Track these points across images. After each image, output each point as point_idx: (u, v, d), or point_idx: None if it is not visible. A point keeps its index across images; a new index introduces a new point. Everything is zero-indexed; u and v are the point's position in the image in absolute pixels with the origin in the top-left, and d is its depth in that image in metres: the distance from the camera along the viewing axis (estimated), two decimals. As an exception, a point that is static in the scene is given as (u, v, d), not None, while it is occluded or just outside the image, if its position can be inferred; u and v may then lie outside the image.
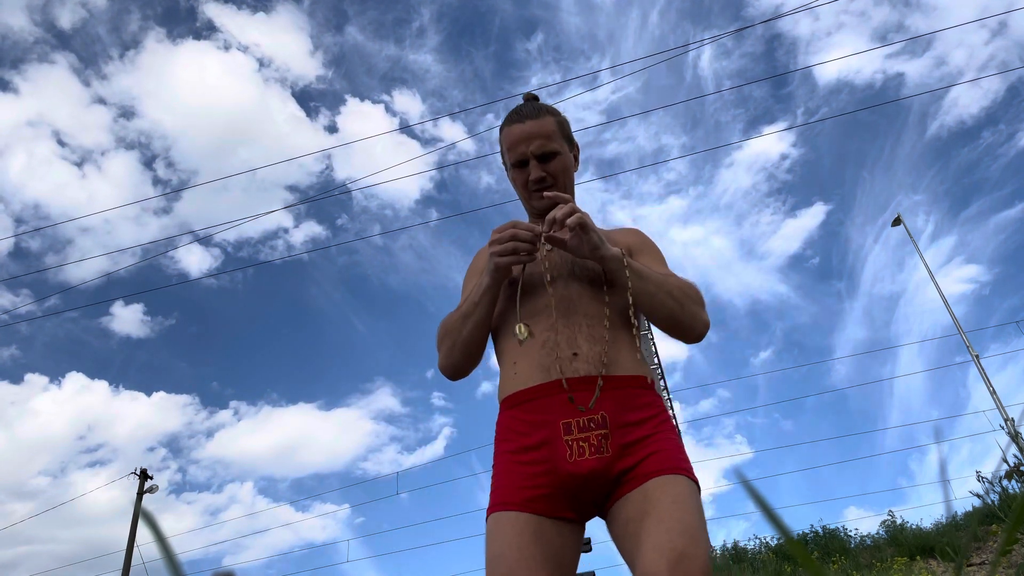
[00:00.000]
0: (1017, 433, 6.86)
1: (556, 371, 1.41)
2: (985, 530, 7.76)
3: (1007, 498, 6.82)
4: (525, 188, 1.66)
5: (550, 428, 1.37)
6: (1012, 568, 6.57)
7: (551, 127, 1.65)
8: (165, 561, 0.32)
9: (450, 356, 1.56)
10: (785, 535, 0.33)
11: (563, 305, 1.50)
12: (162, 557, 0.32)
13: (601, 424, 1.36)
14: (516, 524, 1.31)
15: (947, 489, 0.92)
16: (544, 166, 1.63)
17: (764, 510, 0.33)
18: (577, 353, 1.43)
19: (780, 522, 0.33)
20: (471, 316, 1.52)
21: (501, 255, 1.45)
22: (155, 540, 0.32)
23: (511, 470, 1.38)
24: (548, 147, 1.62)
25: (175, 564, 0.32)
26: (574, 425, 1.36)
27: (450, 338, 1.55)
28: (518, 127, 1.63)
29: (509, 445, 1.42)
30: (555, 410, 1.38)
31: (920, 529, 9.51)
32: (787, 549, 9.28)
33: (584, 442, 1.34)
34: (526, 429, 1.40)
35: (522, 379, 1.45)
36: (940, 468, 4.70)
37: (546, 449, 1.36)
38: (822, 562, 9.11)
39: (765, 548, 10.22)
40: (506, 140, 1.66)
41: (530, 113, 1.65)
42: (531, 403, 1.42)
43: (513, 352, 1.51)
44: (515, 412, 1.44)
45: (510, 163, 1.66)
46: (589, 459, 1.33)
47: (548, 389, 1.40)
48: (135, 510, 18.84)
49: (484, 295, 1.51)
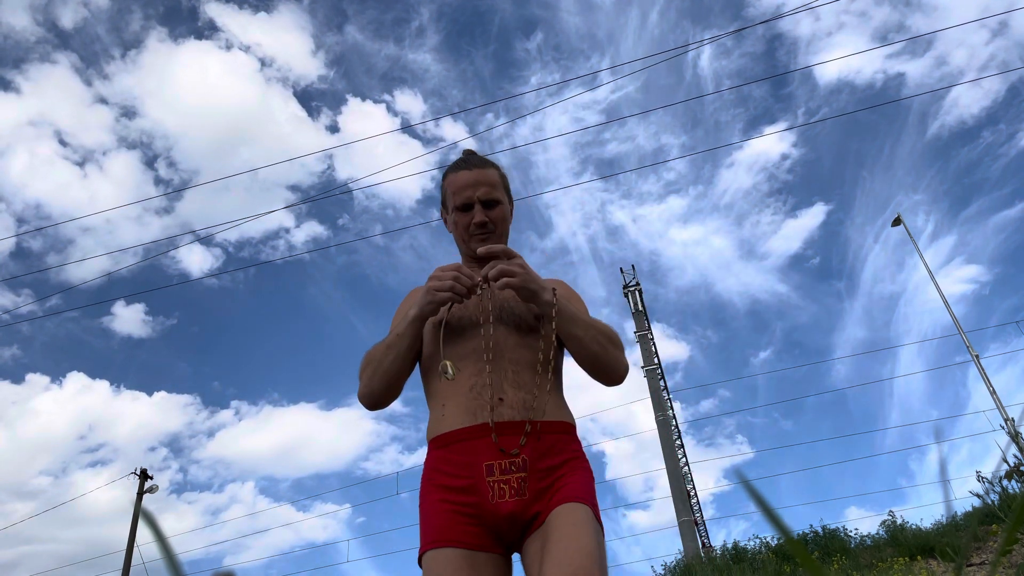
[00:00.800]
0: (1017, 433, 6.87)
1: (483, 415, 1.48)
2: (985, 530, 7.76)
3: (1007, 498, 6.83)
4: (466, 230, 1.74)
5: (474, 469, 1.44)
6: (1012, 568, 6.57)
7: (495, 178, 1.76)
8: (165, 561, 0.32)
9: (369, 385, 1.61)
10: (785, 535, 0.33)
11: (493, 349, 1.57)
12: (162, 557, 0.32)
13: (521, 467, 1.44)
14: (453, 560, 1.37)
15: (947, 489, 0.93)
16: (487, 212, 1.73)
17: (764, 510, 0.33)
18: (503, 399, 1.50)
19: (780, 522, 0.33)
20: (394, 347, 1.58)
21: (439, 290, 1.52)
22: (155, 540, 0.32)
23: (440, 509, 1.43)
24: (493, 195, 1.73)
25: (175, 564, 0.32)
26: (496, 467, 1.43)
27: (371, 367, 1.60)
28: (465, 173, 1.74)
29: (436, 485, 1.47)
30: (479, 452, 1.45)
31: (920, 529, 9.51)
32: (787, 549, 9.28)
33: (505, 484, 1.42)
34: (453, 470, 1.46)
35: (449, 421, 1.52)
36: (940, 468, 4.70)
37: (471, 489, 1.43)
38: (823, 562, 9.11)
39: (765, 548, 10.23)
40: (452, 185, 1.75)
41: (477, 163, 1.77)
42: (457, 444, 1.48)
43: (441, 393, 1.57)
44: (442, 453, 1.50)
45: (454, 206, 1.75)
46: (509, 501, 1.41)
47: (473, 432, 1.47)
48: (135, 510, 18.84)
49: (409, 327, 1.57)
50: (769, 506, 0.33)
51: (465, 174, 1.73)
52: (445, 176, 1.80)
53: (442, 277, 1.54)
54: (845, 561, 8.94)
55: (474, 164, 1.75)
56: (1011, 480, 3.08)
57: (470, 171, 1.73)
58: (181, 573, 0.33)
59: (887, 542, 9.47)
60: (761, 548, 10.33)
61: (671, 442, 15.93)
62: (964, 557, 6.29)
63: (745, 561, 9.98)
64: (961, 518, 9.28)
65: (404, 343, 1.57)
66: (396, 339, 1.57)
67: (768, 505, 0.33)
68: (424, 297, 1.55)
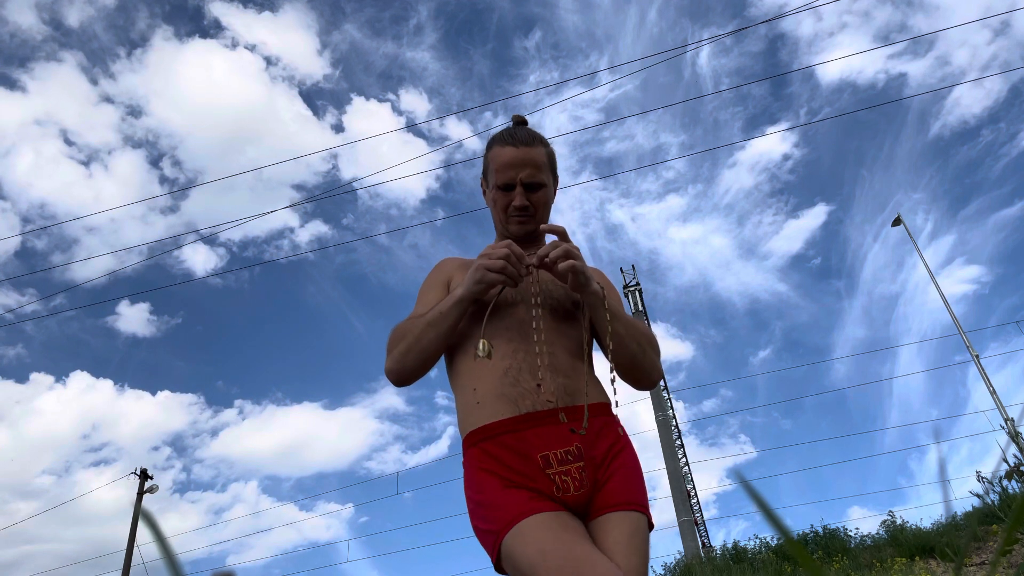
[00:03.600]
0: (1017, 433, 6.86)
1: (525, 404, 1.40)
2: (985, 530, 7.76)
3: (1007, 498, 6.83)
4: (504, 211, 1.66)
5: (528, 463, 1.35)
6: (1012, 568, 6.57)
7: (542, 158, 1.66)
8: (165, 561, 0.32)
9: (403, 360, 1.51)
10: (785, 535, 0.33)
11: (526, 333, 1.50)
12: (162, 557, 0.32)
13: (577, 456, 1.37)
14: (545, 522, 1.25)
15: (947, 489, 0.93)
16: (529, 195, 1.64)
17: (764, 510, 0.33)
18: (540, 384, 1.43)
19: (780, 522, 0.33)
20: (436, 325, 1.49)
21: (491, 270, 1.43)
22: (155, 540, 0.32)
23: (511, 492, 1.33)
24: (537, 177, 1.64)
25: (175, 564, 0.32)
26: (552, 458, 1.35)
27: (406, 343, 1.51)
28: (511, 150, 1.63)
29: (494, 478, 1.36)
30: (531, 443, 1.37)
31: (920, 529, 9.51)
32: (787, 549, 9.28)
33: (566, 476, 1.35)
34: (506, 464, 1.36)
35: (488, 411, 1.42)
36: (940, 468, 4.70)
37: (530, 483, 1.34)
38: (824, 562, 9.11)
39: (765, 548, 10.22)
40: (495, 160, 1.65)
41: (525, 139, 1.65)
42: (504, 437, 1.39)
43: (471, 375, 1.49)
44: (487, 446, 1.40)
45: (495, 183, 1.66)
46: (574, 494, 1.34)
47: (519, 422, 1.39)
48: (135, 510, 18.83)
49: (454, 307, 1.48)
50: (768, 506, 0.33)
51: (511, 151, 1.63)
52: (490, 146, 1.69)
53: (493, 256, 1.44)
54: (845, 561, 8.93)
55: (521, 141, 1.64)
56: (1011, 480, 3.07)
57: (516, 148, 1.63)
58: (181, 573, 0.33)
59: (887, 542, 9.47)
60: (761, 548, 10.34)
61: (671, 442, 15.93)
62: (964, 557, 6.27)
63: (745, 561, 9.97)
64: (961, 518, 9.28)
65: (447, 323, 1.48)
66: (439, 317, 1.48)
67: (767, 505, 0.33)
68: (473, 276, 1.45)
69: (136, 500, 19.01)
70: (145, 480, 19.54)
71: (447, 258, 1.73)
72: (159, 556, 0.33)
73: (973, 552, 7.87)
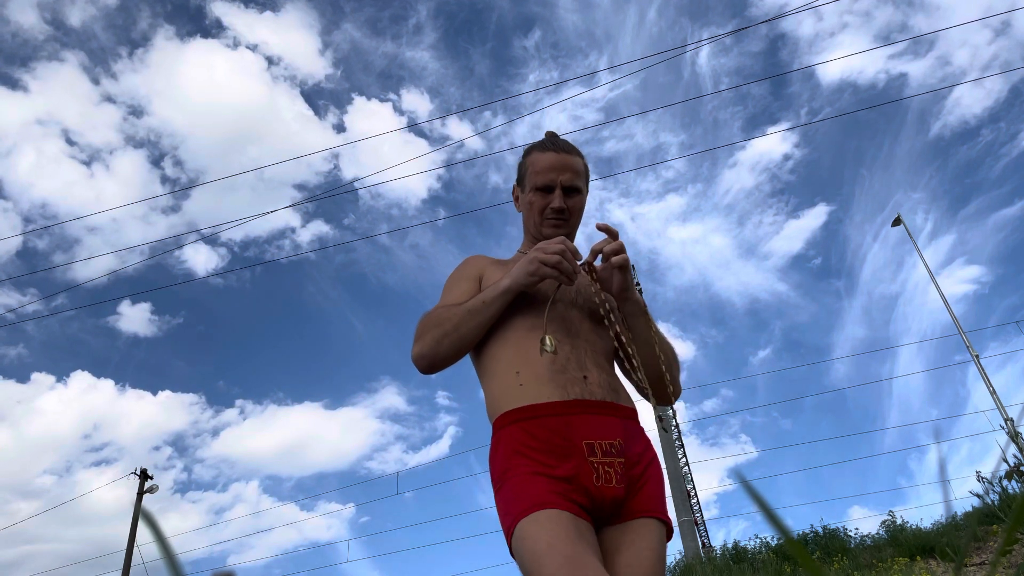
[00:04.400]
0: (1017, 433, 6.86)
1: (574, 390, 1.41)
2: (985, 530, 7.76)
3: (1007, 498, 6.82)
4: (541, 213, 1.68)
5: (572, 448, 1.34)
6: (1012, 568, 6.57)
7: (580, 166, 1.71)
8: (165, 561, 0.32)
9: (437, 347, 1.49)
10: (785, 535, 0.33)
11: (568, 328, 1.53)
12: (162, 557, 0.32)
13: (620, 452, 1.38)
14: (561, 519, 1.24)
15: (947, 489, 0.92)
16: (567, 199, 1.67)
17: (764, 510, 0.33)
18: (587, 376, 1.45)
19: (780, 522, 0.33)
20: (478, 313, 1.49)
21: (545, 264, 1.44)
22: (155, 540, 0.32)
23: (537, 481, 1.31)
24: (575, 182, 1.68)
25: (175, 564, 0.32)
26: (597, 448, 1.35)
27: (441, 329, 1.49)
28: (552, 155, 1.68)
29: (528, 458, 1.34)
30: (575, 429, 1.36)
31: (920, 529, 9.51)
32: (787, 549, 9.28)
33: (609, 467, 1.35)
34: (545, 446, 1.35)
35: (533, 393, 1.41)
36: (940, 468, 4.70)
37: (571, 467, 1.32)
38: (824, 562, 9.11)
39: (765, 548, 10.22)
40: (536, 164, 1.69)
41: (565, 147, 1.71)
42: (548, 419, 1.38)
43: (513, 362, 1.48)
44: (528, 426, 1.38)
45: (534, 185, 1.68)
46: (614, 487, 1.34)
47: (569, 407, 1.39)
48: (135, 510, 18.83)
49: (500, 297, 1.49)
50: (768, 506, 0.33)
51: (552, 156, 1.67)
52: (528, 152, 1.74)
53: (549, 250, 1.44)
54: (845, 561, 8.93)
55: (562, 148, 1.69)
56: (1011, 480, 3.08)
57: (557, 154, 1.67)
58: (181, 573, 0.33)
59: (887, 542, 9.46)
60: (761, 548, 10.33)
61: (671, 442, 15.92)
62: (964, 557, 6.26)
63: (745, 561, 9.97)
64: (961, 518, 9.27)
65: (490, 311, 1.49)
66: (482, 306, 1.48)
67: (767, 505, 0.33)
68: (526, 267, 1.45)
69: (136, 500, 19.01)
70: (145, 480, 19.54)
71: (477, 255, 1.75)
72: (159, 556, 0.33)
73: (973, 552, 7.87)
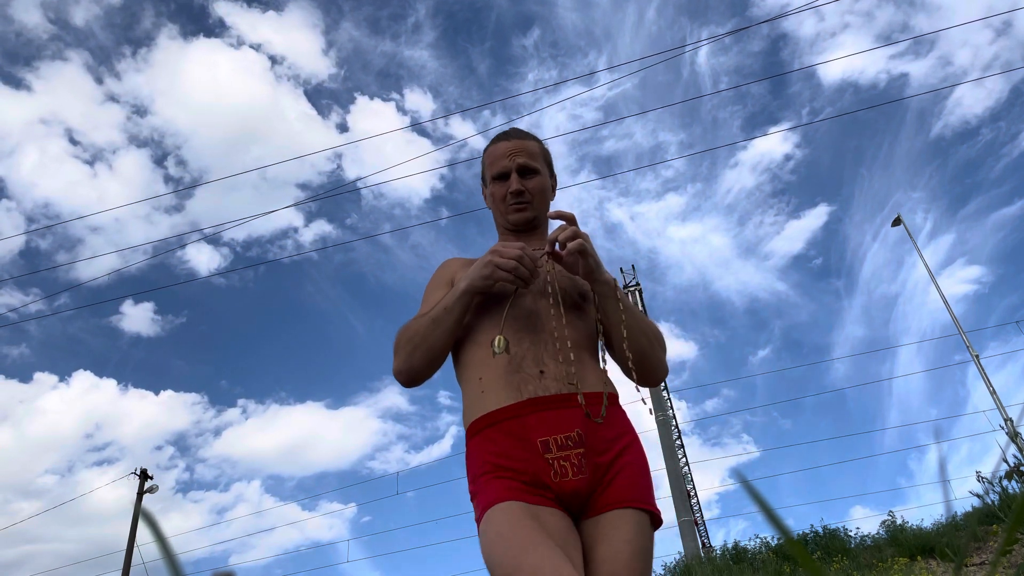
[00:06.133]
0: (1017, 433, 6.86)
1: (528, 389, 1.40)
2: (985, 530, 7.76)
3: (1007, 498, 6.82)
4: (503, 201, 1.67)
5: (528, 447, 1.35)
6: (1012, 568, 6.57)
7: (535, 148, 1.70)
8: (165, 561, 0.32)
9: (410, 360, 1.50)
10: (785, 535, 0.33)
11: (532, 322, 1.50)
12: (162, 557, 0.32)
13: (578, 442, 1.36)
14: (511, 509, 1.26)
15: (947, 489, 0.92)
16: (524, 181, 1.65)
17: (764, 510, 0.33)
18: (544, 371, 1.43)
19: (780, 522, 0.33)
20: (441, 321, 1.48)
21: (500, 268, 1.43)
22: (155, 540, 0.32)
23: (497, 483, 1.33)
24: (531, 163, 1.66)
25: (175, 564, 0.32)
26: (552, 443, 1.35)
27: (412, 343, 1.50)
28: (504, 143, 1.69)
29: (493, 464, 1.36)
30: (531, 429, 1.36)
31: (920, 529, 9.50)
32: (787, 549, 9.28)
33: (565, 461, 1.33)
34: (504, 450, 1.36)
35: (492, 399, 1.42)
36: (940, 468, 4.70)
37: (529, 467, 1.33)
38: (824, 562, 9.11)
39: (765, 548, 10.22)
40: (489, 156, 1.70)
41: (516, 134, 1.71)
42: (505, 423, 1.38)
43: (477, 365, 1.49)
44: (489, 433, 1.40)
45: (491, 176, 1.69)
46: (572, 480, 1.33)
47: (522, 408, 1.38)
48: (135, 510, 18.82)
49: (458, 302, 1.47)
50: (769, 506, 0.33)
51: (503, 144, 1.68)
52: (485, 149, 1.74)
53: (506, 254, 1.43)
54: (845, 561, 8.93)
55: (513, 135, 1.70)
56: (1011, 480, 3.08)
57: (508, 141, 1.68)
58: (181, 573, 0.33)
59: (887, 542, 9.46)
60: (761, 548, 10.33)
61: (671, 442, 15.92)
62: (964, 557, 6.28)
63: (745, 561, 9.97)
64: (961, 518, 9.27)
65: (452, 317, 1.47)
66: (444, 313, 1.47)
67: (768, 505, 0.33)
68: (481, 270, 1.44)
69: (136, 500, 19.01)
70: (145, 480, 19.53)
71: (451, 258, 1.73)
72: (159, 556, 0.33)
73: (973, 552, 7.87)
